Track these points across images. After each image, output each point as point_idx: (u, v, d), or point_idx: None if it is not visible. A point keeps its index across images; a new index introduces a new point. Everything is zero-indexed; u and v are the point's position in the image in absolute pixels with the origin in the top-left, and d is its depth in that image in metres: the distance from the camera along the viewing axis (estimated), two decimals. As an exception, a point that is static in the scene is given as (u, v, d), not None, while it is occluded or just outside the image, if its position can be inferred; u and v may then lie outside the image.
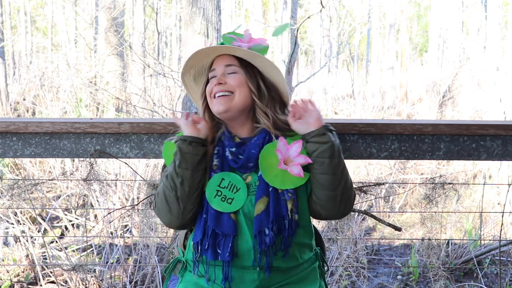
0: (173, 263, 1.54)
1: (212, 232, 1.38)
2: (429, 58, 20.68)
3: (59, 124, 1.83)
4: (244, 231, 1.39)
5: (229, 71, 1.46)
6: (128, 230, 4.02)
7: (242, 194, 1.41)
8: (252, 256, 1.38)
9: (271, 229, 1.37)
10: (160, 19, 16.42)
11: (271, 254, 1.38)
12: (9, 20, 16.24)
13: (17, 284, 3.30)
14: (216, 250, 1.38)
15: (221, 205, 1.40)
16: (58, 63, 10.15)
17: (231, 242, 1.37)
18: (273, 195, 1.39)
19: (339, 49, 17.50)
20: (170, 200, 1.39)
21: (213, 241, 1.38)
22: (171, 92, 8.14)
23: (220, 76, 1.45)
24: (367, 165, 5.71)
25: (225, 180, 1.41)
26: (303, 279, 1.47)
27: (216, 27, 3.33)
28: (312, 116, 1.42)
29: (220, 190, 1.40)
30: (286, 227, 1.38)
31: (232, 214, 1.39)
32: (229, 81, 1.44)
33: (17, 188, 2.08)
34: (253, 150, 1.42)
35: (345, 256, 3.20)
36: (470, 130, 1.84)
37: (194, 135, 1.40)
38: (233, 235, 1.38)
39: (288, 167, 1.39)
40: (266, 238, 1.37)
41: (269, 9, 23.75)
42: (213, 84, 1.45)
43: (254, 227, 1.37)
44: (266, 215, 1.38)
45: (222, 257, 1.37)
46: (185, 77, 1.57)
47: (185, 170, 1.38)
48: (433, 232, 2.31)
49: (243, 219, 1.39)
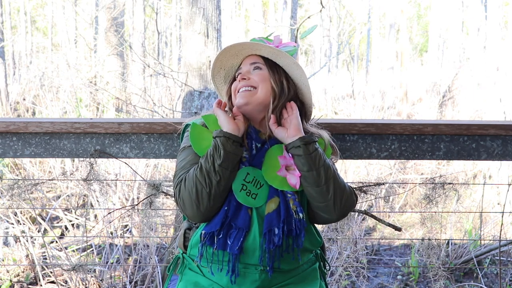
0: (174, 260, 1.54)
1: (227, 224, 1.38)
2: (429, 58, 20.68)
3: (59, 124, 1.84)
4: (254, 228, 1.39)
5: (254, 67, 1.48)
6: (128, 230, 4.02)
7: (265, 190, 1.41)
8: (257, 254, 1.38)
9: (282, 229, 1.37)
10: (160, 19, 16.42)
11: (278, 255, 1.38)
12: (9, 20, 16.24)
13: (17, 284, 3.30)
14: (226, 241, 1.37)
15: (246, 199, 1.39)
16: (58, 63, 10.14)
17: (242, 237, 1.36)
18: (282, 196, 1.41)
19: (339, 49, 17.49)
20: (201, 195, 1.35)
21: (226, 232, 1.38)
22: (171, 92, 8.15)
23: (244, 72, 1.48)
24: (367, 165, 5.71)
25: (250, 175, 1.41)
26: (304, 280, 1.47)
27: (216, 27, 3.33)
28: (290, 123, 1.43)
29: (245, 184, 1.40)
30: (294, 227, 1.38)
31: (249, 210, 1.39)
32: (253, 77, 1.46)
33: (17, 188, 2.08)
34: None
35: (345, 256, 3.20)
36: (470, 130, 1.84)
37: (235, 133, 1.39)
38: (245, 230, 1.37)
39: (287, 173, 1.40)
40: (275, 238, 1.36)
41: (269, 9, 23.74)
42: (238, 80, 1.48)
43: (264, 225, 1.37)
44: (277, 214, 1.38)
45: (231, 249, 1.36)
46: (216, 79, 1.59)
47: (225, 169, 1.35)
48: (433, 232, 2.31)
49: (255, 216, 1.39)
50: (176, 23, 17.73)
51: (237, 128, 1.40)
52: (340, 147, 1.87)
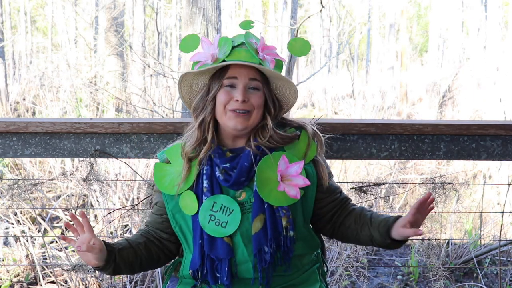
0: (173, 264, 1.54)
1: (207, 257, 1.37)
2: (429, 58, 20.69)
3: (59, 124, 1.83)
4: (241, 250, 1.37)
5: (252, 86, 1.36)
6: (128, 230, 4.02)
7: (236, 216, 1.37)
8: (251, 273, 1.37)
9: (270, 247, 1.35)
10: (160, 19, 16.41)
11: (271, 270, 1.38)
12: (9, 20, 16.25)
13: (17, 284, 3.30)
14: (215, 275, 1.37)
15: (216, 229, 1.37)
16: (58, 63, 10.14)
17: (227, 266, 1.35)
18: (269, 212, 1.37)
19: (339, 49, 17.49)
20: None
21: (211, 266, 1.37)
22: (171, 92, 8.14)
23: (243, 92, 1.34)
24: (367, 165, 5.70)
25: (217, 204, 1.38)
26: (304, 281, 1.47)
27: (216, 27, 3.33)
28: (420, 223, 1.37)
29: (213, 214, 1.37)
30: (282, 243, 1.37)
31: (226, 238, 1.37)
32: (251, 100, 1.36)
33: (17, 188, 2.08)
34: (246, 162, 1.37)
35: (345, 256, 3.20)
36: (470, 130, 1.84)
37: (95, 265, 1.31)
38: (228, 258, 1.36)
39: (286, 186, 1.36)
40: (266, 256, 1.36)
41: (269, 9, 23.75)
42: (234, 99, 1.34)
43: (253, 246, 1.36)
44: (264, 233, 1.36)
45: (221, 281, 1.37)
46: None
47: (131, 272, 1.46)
48: (433, 232, 2.31)
49: (239, 239, 1.37)
50: (176, 23, 17.73)
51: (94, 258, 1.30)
52: (340, 147, 1.87)
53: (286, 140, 1.41)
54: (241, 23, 1.44)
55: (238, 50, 1.36)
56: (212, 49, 1.38)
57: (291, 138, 1.42)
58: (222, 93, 1.36)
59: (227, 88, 1.36)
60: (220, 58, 1.36)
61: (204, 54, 1.39)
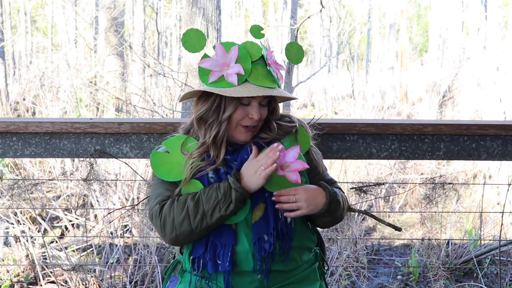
0: (173, 264, 1.54)
1: (211, 244, 1.38)
2: (429, 58, 20.68)
3: (59, 124, 1.83)
4: (241, 238, 1.39)
5: (263, 103, 1.43)
6: (128, 230, 4.02)
7: (246, 203, 1.40)
8: (251, 263, 1.39)
9: (270, 235, 1.38)
10: (160, 19, 16.42)
11: (270, 260, 1.39)
12: (9, 20, 16.25)
13: (17, 284, 3.30)
14: (215, 262, 1.38)
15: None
16: (58, 63, 10.15)
17: (230, 251, 1.37)
18: (270, 201, 1.39)
19: (339, 49, 17.50)
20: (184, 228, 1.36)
21: (213, 253, 1.38)
22: (171, 92, 8.14)
23: (256, 114, 1.39)
24: (367, 165, 5.71)
25: None
26: (304, 280, 1.47)
27: (216, 27, 3.33)
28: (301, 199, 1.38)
29: None
30: (281, 231, 1.39)
31: (233, 224, 1.39)
32: (261, 115, 1.42)
33: (17, 188, 2.08)
34: (245, 155, 1.41)
35: (345, 256, 3.20)
36: (470, 130, 1.84)
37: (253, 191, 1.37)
38: (232, 244, 1.38)
39: (285, 172, 1.38)
40: (266, 245, 1.38)
41: (269, 9, 23.76)
42: (249, 116, 1.39)
43: (253, 234, 1.38)
44: (265, 221, 1.39)
45: (223, 267, 1.37)
46: None
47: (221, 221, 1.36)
48: (433, 232, 2.31)
49: (241, 227, 1.39)
50: (176, 23, 17.74)
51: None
52: (340, 147, 1.88)
53: (282, 132, 1.47)
54: (252, 29, 1.47)
55: (256, 67, 1.39)
56: (226, 59, 1.38)
57: (288, 129, 1.48)
58: (238, 112, 1.39)
59: (243, 106, 1.40)
60: (243, 76, 1.37)
61: (217, 62, 1.38)
